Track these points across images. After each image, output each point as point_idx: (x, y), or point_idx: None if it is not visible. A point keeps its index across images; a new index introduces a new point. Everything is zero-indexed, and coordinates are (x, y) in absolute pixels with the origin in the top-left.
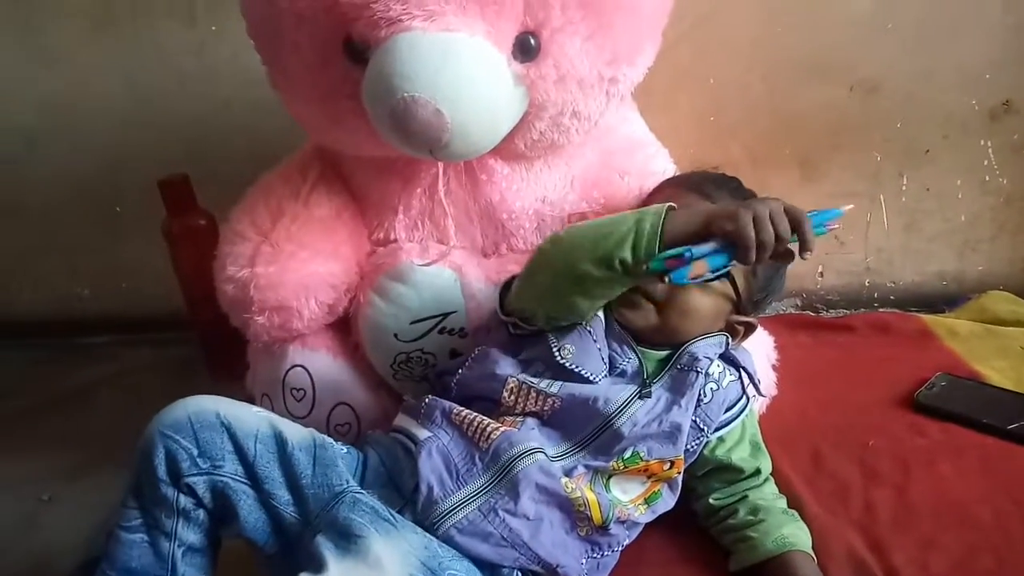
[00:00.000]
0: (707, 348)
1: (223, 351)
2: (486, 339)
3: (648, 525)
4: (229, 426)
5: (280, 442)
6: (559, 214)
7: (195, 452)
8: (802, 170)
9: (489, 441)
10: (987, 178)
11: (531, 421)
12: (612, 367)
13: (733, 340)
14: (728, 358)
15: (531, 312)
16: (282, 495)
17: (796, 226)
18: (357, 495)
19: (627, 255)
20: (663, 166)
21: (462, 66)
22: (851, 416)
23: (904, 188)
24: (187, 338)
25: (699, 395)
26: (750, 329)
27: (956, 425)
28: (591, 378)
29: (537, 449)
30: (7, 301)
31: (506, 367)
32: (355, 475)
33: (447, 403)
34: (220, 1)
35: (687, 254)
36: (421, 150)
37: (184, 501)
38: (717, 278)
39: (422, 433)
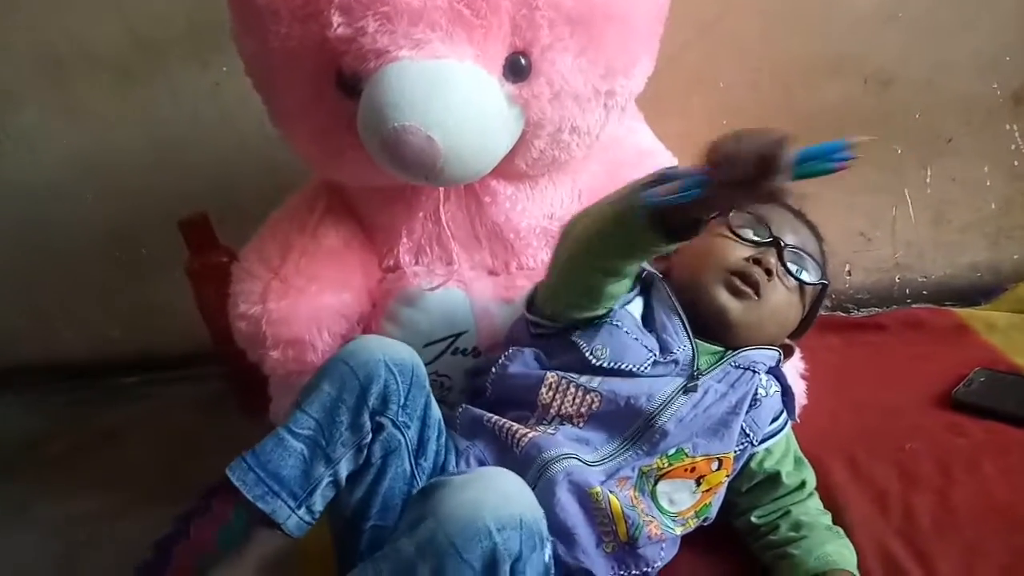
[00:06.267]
0: (762, 356)
1: (251, 386)
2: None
3: (681, 543)
4: (430, 396)
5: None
6: None
7: (402, 399)
8: None
9: (520, 447)
10: (1016, 163)
11: (566, 429)
12: (666, 351)
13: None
14: (776, 374)
15: (555, 302)
16: (419, 482)
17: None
18: None
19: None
20: None
21: (451, 92)
22: (886, 419)
23: (929, 180)
24: (216, 374)
25: (756, 393)
26: (790, 352)
27: (998, 423)
28: (635, 370)
29: (570, 455)
30: (48, 344)
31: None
32: None
33: (478, 411)
34: (229, 41)
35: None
36: (418, 177)
37: (370, 438)
38: (681, 199)
39: (461, 443)
